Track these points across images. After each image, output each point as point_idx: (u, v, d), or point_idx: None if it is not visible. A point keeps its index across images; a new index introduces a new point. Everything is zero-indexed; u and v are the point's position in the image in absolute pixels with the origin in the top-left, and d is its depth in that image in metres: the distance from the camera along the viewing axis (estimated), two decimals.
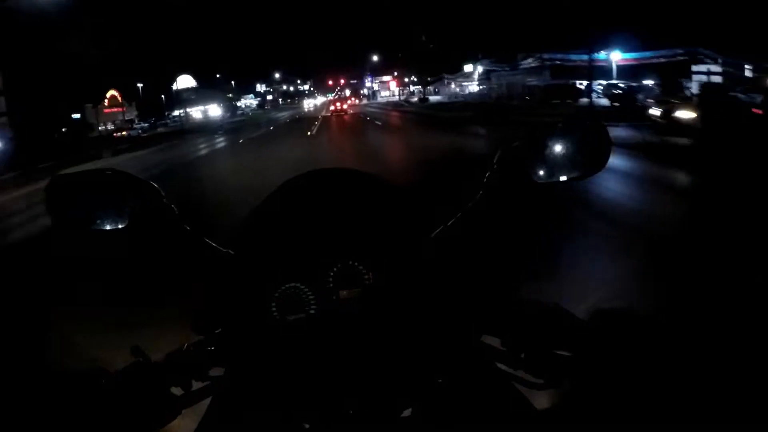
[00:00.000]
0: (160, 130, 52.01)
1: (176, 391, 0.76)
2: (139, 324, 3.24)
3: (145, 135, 46.50)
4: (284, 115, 63.83)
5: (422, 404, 0.75)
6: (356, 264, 0.83)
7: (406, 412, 0.74)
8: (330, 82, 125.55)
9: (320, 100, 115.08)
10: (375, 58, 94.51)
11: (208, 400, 0.78)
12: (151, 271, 3.57)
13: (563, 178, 0.87)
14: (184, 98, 71.59)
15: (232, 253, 0.88)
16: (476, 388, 0.77)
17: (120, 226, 0.83)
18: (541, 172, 0.87)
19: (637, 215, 6.12)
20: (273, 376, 0.77)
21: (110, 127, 65.85)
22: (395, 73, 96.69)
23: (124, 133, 46.65)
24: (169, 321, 2.40)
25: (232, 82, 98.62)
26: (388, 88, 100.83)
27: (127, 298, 4.15)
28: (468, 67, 60.03)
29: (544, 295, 0.78)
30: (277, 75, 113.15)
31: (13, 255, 6.75)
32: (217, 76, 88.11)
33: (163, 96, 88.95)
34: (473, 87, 57.75)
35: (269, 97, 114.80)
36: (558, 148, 0.87)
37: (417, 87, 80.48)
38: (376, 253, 0.84)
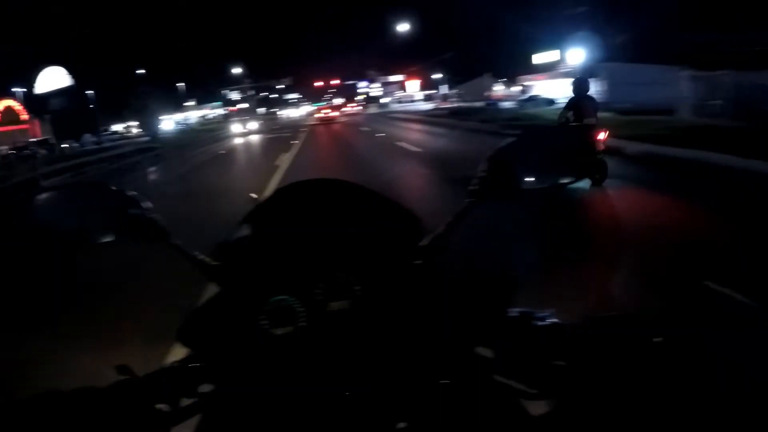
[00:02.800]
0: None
1: (164, 408, 0.74)
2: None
3: None
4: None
5: (417, 416, 0.74)
6: (344, 275, 0.82)
7: (401, 425, 0.74)
8: (320, 83, 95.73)
9: (306, 108, 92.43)
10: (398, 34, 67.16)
11: (197, 418, 0.77)
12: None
13: (554, 182, 0.88)
14: (52, 107, 44.75)
15: (220, 266, 0.87)
16: (470, 399, 0.76)
17: (107, 240, 0.84)
18: (531, 177, 0.87)
19: None
20: (263, 391, 0.77)
21: (6, 151, 42.34)
22: (401, 74, 74.80)
23: None
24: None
25: (181, 85, 73.80)
26: (399, 91, 78.22)
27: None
28: (541, 57, 39.26)
29: (537, 304, 0.79)
30: (236, 71, 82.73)
31: None
32: (139, 72, 61.71)
33: (92, 105, 65.86)
34: (548, 85, 36.61)
35: (240, 106, 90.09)
36: (550, 152, 0.89)
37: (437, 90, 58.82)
38: (364, 264, 0.84)
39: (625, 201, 7.21)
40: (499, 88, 49.44)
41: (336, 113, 50.76)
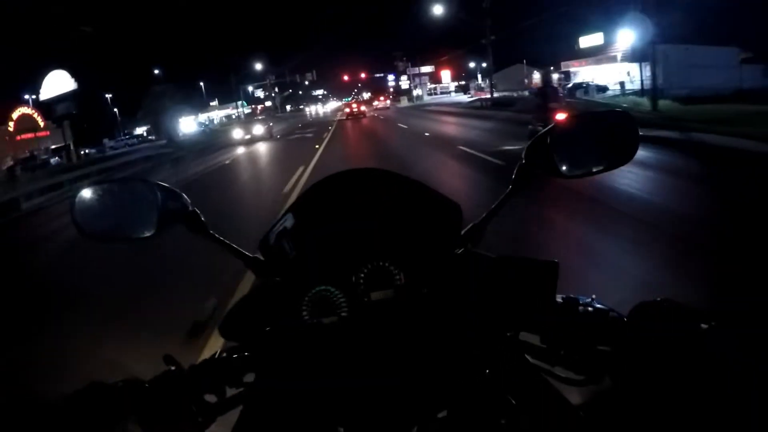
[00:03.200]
0: None
1: (210, 398, 0.76)
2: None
3: None
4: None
5: (459, 404, 0.73)
6: (387, 264, 0.82)
7: (442, 414, 0.73)
8: (346, 78, 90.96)
9: (333, 105, 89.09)
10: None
11: (242, 407, 0.78)
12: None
13: (591, 170, 0.89)
14: (59, 114, 41.58)
15: (262, 258, 0.88)
16: (514, 387, 0.75)
17: (147, 235, 0.84)
18: (569, 165, 0.87)
19: None
20: (306, 380, 0.77)
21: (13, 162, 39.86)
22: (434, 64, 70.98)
23: None
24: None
25: (202, 84, 71.33)
26: (434, 81, 74.40)
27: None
28: (589, 40, 35.25)
29: (580, 290, 0.78)
30: (258, 67, 74.51)
31: None
32: (156, 72, 58.41)
33: (116, 109, 64.21)
34: (593, 71, 32.62)
35: (266, 104, 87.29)
36: (586, 140, 0.89)
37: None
38: (406, 253, 0.84)
39: None
40: (537, 76, 45.43)
41: (365, 108, 47.69)
